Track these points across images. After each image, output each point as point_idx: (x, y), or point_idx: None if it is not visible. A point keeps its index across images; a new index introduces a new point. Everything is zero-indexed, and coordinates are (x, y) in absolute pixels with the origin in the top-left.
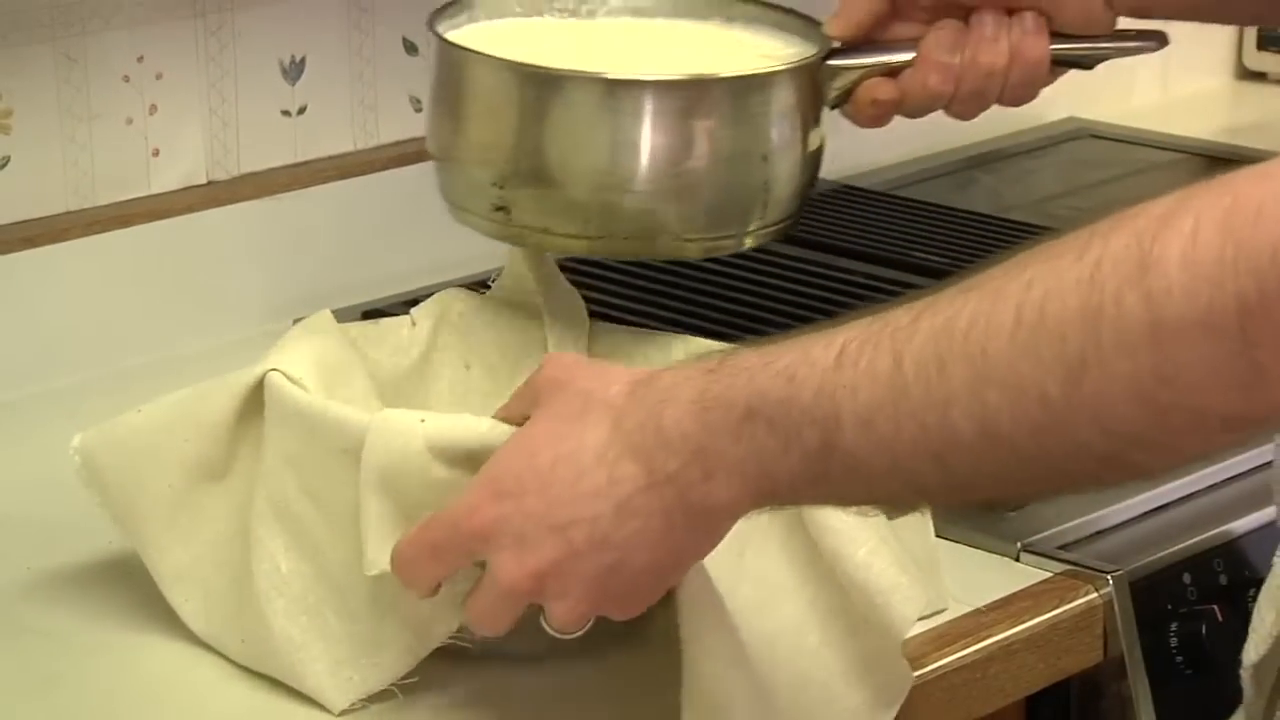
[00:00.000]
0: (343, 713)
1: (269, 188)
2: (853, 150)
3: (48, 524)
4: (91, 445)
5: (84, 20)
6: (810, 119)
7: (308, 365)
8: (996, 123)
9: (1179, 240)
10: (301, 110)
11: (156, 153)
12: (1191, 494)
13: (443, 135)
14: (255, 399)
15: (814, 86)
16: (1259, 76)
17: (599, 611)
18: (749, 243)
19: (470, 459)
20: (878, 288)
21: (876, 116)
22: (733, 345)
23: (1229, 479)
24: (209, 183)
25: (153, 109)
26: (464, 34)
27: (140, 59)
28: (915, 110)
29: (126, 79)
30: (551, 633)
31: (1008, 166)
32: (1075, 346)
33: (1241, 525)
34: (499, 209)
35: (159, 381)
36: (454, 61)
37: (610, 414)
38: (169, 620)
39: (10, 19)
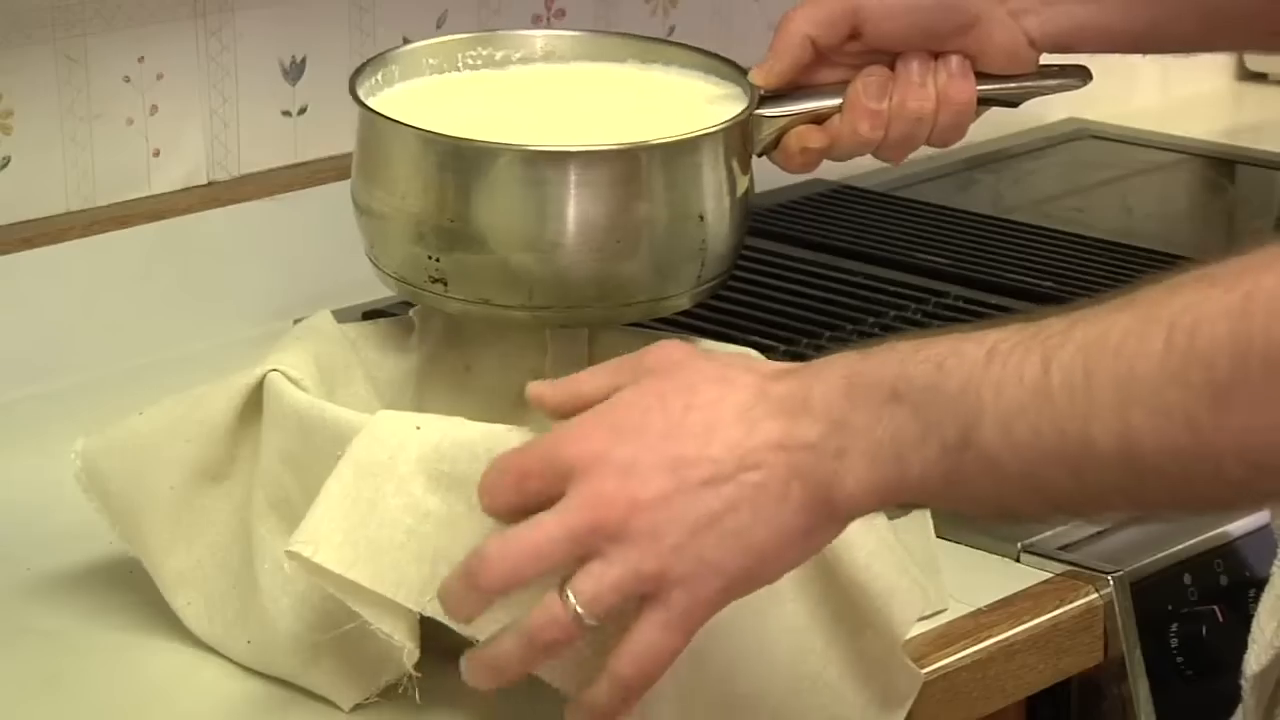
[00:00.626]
0: (354, 709)
1: (270, 188)
2: None
3: (48, 525)
4: (93, 450)
5: (85, 21)
6: (742, 171)
7: (307, 366)
8: (997, 124)
9: None
10: (302, 111)
11: (157, 153)
12: None
13: (374, 204)
14: (255, 400)
15: (743, 140)
16: (1260, 77)
17: (672, 574)
18: (686, 302)
19: (456, 479)
20: (879, 288)
21: (806, 164)
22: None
23: None
24: (210, 183)
25: (153, 109)
26: (386, 98)
27: (141, 59)
28: (844, 155)
29: (127, 79)
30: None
31: (1008, 167)
32: (1224, 375)
33: (1241, 526)
34: (436, 280)
35: (160, 382)
36: (378, 130)
37: (757, 381)
38: (171, 622)
39: (11, 19)
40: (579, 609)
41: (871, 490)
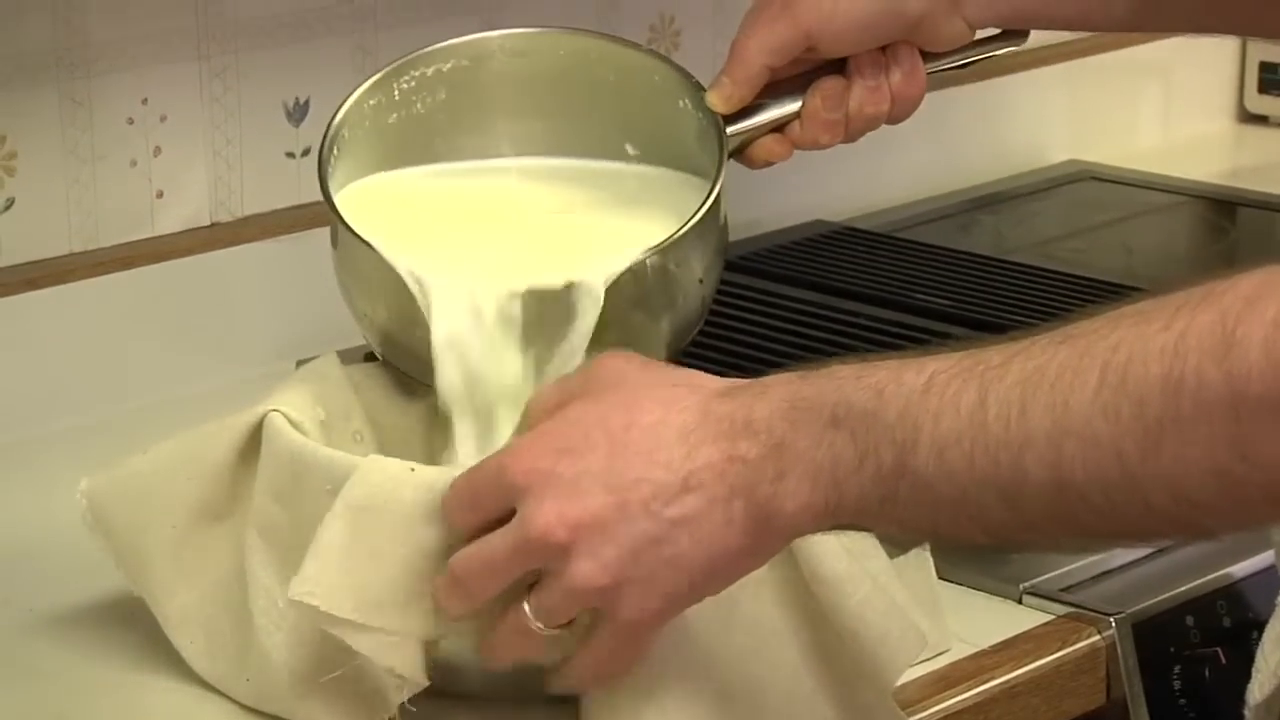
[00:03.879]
0: None
1: (273, 229)
2: (854, 192)
3: (51, 564)
4: (97, 489)
5: (88, 63)
6: (723, 217)
7: (308, 408)
8: (998, 165)
9: (1261, 326)
10: (305, 152)
11: (160, 194)
12: None
13: (348, 299)
14: (256, 440)
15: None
16: (1260, 120)
17: (616, 592)
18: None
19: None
20: (880, 329)
21: (769, 165)
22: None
23: None
24: (213, 224)
25: (157, 151)
26: (349, 194)
27: (144, 101)
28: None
29: (131, 121)
30: (543, 630)
31: (1010, 209)
32: (1155, 412)
33: (1244, 568)
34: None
35: (163, 423)
36: (346, 242)
37: (700, 401)
38: (174, 661)
39: (15, 61)
40: (535, 621)
41: (810, 512)
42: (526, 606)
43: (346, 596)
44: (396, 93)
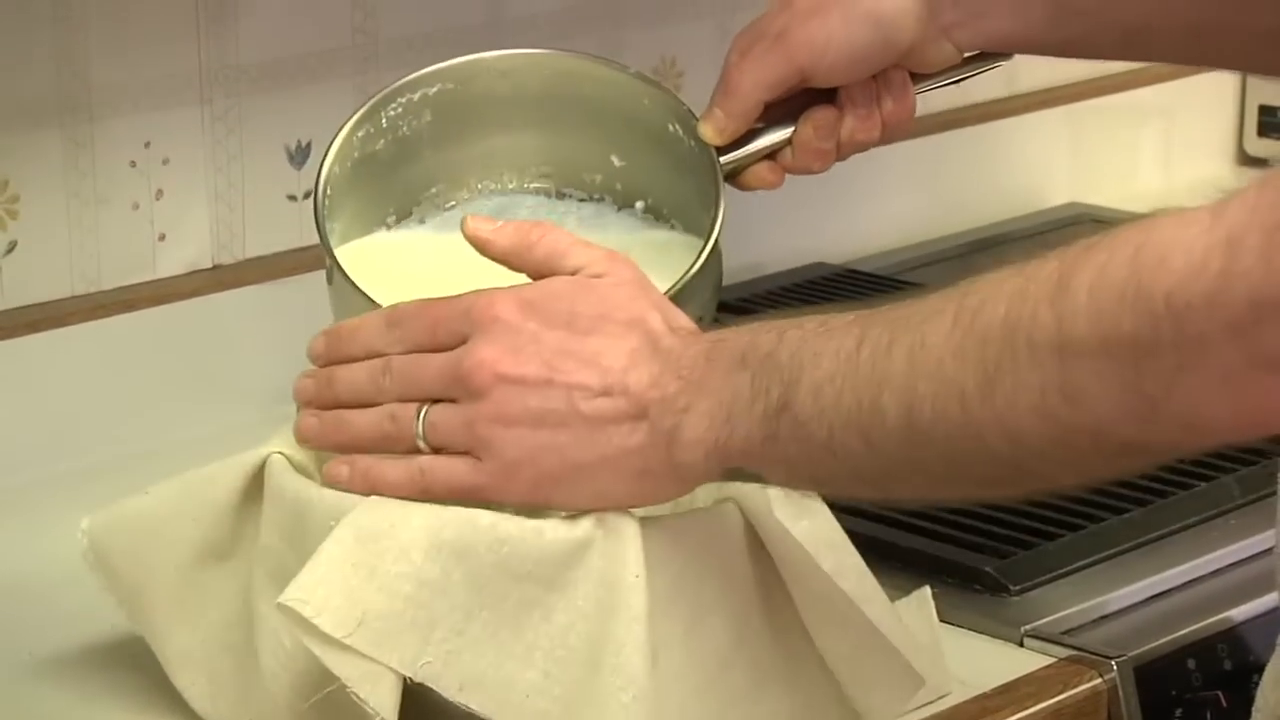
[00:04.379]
0: None
1: (275, 272)
2: (855, 234)
3: (52, 606)
4: (99, 528)
5: (91, 106)
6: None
7: (306, 452)
8: (998, 208)
9: (1091, 270)
10: (307, 195)
11: (163, 237)
12: (1194, 579)
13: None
14: (259, 480)
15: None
16: (1260, 162)
17: (498, 447)
18: None
19: (457, 550)
20: None
21: (759, 190)
22: None
23: (1231, 564)
24: (215, 267)
25: (159, 194)
26: (349, 250)
27: (147, 144)
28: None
29: (133, 164)
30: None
31: (1010, 251)
32: (994, 352)
33: (1244, 611)
34: None
35: (164, 465)
36: (342, 289)
37: (657, 334)
38: (176, 703)
39: (18, 104)
40: (420, 428)
41: (703, 447)
42: (421, 414)
43: (337, 614)
44: (384, 120)
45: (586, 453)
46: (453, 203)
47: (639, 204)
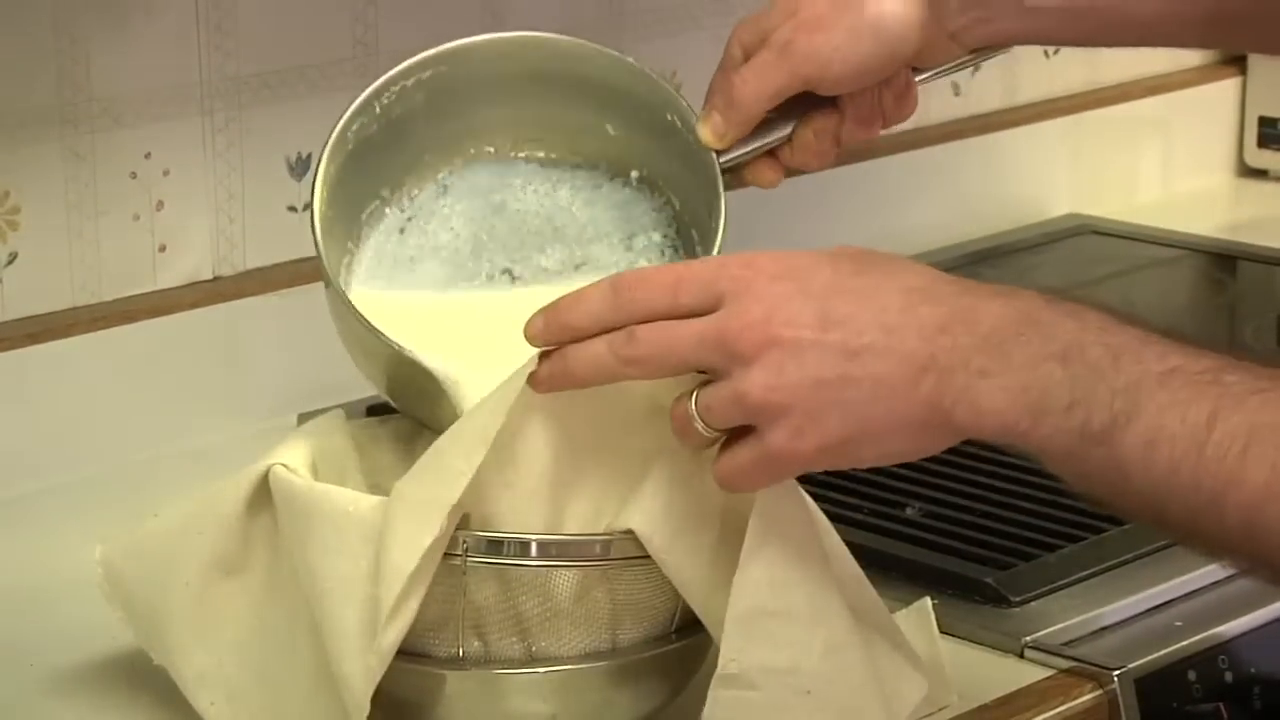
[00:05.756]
0: None
1: (275, 283)
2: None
3: (55, 620)
4: (112, 556)
5: (92, 118)
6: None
7: (304, 462)
8: (999, 218)
9: None
10: (308, 206)
11: (163, 248)
12: (1195, 591)
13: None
14: (263, 492)
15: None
16: (1260, 174)
17: (780, 414)
18: None
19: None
20: None
21: (758, 186)
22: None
23: (1232, 576)
24: (215, 278)
25: (160, 205)
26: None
27: (147, 155)
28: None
29: (134, 175)
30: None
31: (1010, 262)
32: None
33: (1245, 622)
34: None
35: (166, 477)
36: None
37: (932, 274)
38: (180, 714)
39: (18, 116)
40: (696, 414)
41: (998, 422)
42: (694, 399)
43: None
44: (378, 108)
45: (873, 411)
46: (446, 171)
47: (633, 174)
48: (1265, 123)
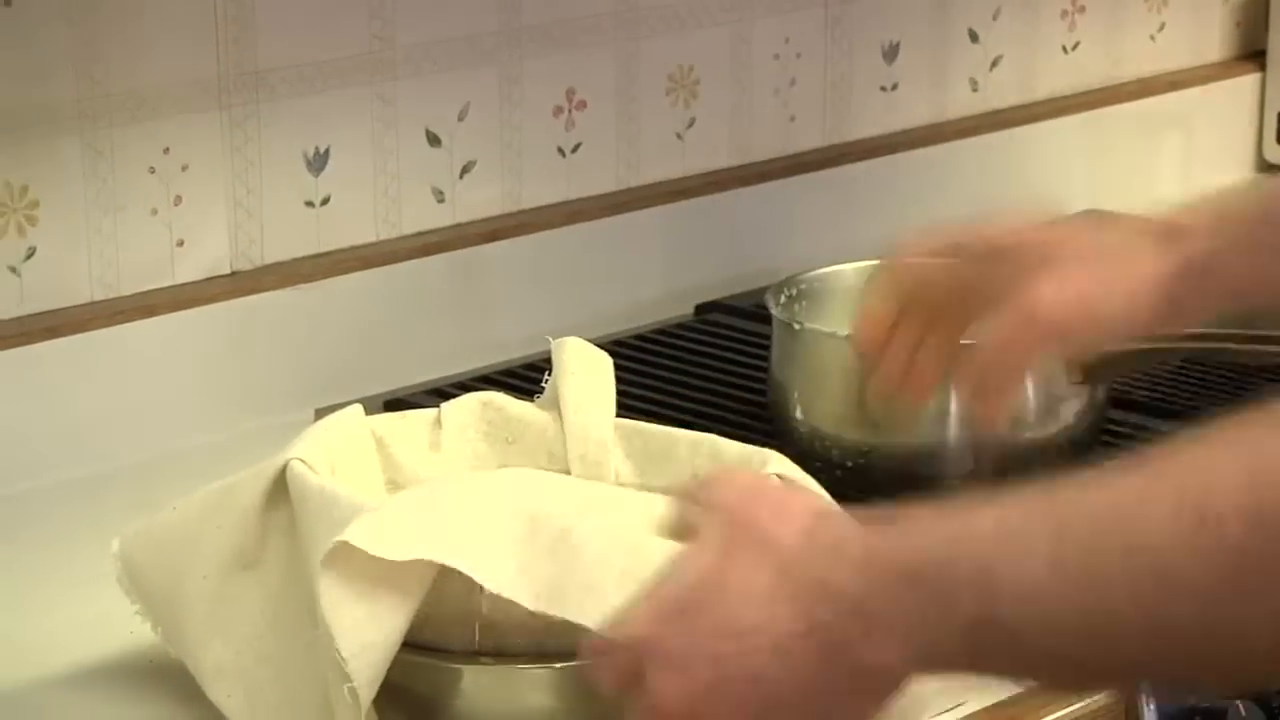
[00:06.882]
0: None
1: (292, 278)
2: (871, 241)
3: (75, 613)
4: (129, 547)
5: (110, 113)
6: None
7: (323, 458)
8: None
9: None
10: (325, 201)
11: (181, 243)
12: None
13: None
14: (281, 486)
15: None
16: (1278, 169)
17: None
18: None
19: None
20: None
21: None
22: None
23: None
24: (233, 273)
25: (177, 200)
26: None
27: (166, 150)
28: None
29: (152, 170)
30: None
31: None
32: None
33: None
34: None
35: (183, 471)
36: None
37: (780, 560)
38: (195, 708)
39: (37, 112)
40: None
41: (906, 661)
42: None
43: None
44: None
45: (794, 700)
46: None
47: None
48: None
